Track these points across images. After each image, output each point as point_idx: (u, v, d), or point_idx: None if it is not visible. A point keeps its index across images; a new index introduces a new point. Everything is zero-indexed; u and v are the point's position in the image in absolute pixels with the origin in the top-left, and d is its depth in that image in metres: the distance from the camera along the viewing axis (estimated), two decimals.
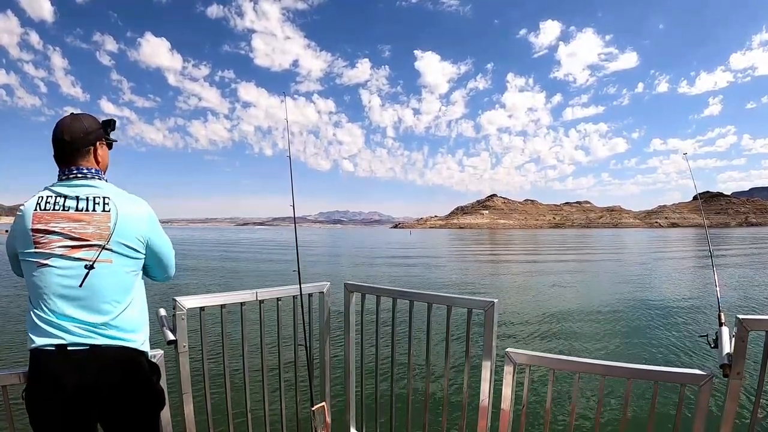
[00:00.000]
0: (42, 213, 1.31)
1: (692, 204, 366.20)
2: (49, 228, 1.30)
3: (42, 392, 1.26)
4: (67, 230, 1.30)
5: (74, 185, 1.36)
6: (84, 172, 1.39)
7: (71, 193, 1.34)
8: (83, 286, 1.29)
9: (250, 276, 15.55)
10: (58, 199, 1.33)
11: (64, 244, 1.30)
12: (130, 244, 1.37)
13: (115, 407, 1.32)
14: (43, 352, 1.26)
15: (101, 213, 1.34)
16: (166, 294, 9.42)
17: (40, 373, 1.27)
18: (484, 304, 1.83)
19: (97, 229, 1.32)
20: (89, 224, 1.32)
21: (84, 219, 1.32)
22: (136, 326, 1.39)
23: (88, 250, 1.31)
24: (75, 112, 1.43)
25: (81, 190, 1.36)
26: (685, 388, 1.52)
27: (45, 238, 1.29)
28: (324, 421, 2.13)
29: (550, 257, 24.99)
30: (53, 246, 1.29)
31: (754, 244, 34.68)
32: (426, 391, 2.12)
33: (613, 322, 7.71)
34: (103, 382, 1.28)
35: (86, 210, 1.33)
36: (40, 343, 1.26)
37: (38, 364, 1.27)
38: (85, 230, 1.31)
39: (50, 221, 1.30)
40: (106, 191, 1.38)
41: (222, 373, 2.02)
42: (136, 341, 1.38)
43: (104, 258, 1.32)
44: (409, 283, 13.57)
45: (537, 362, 1.75)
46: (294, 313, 2.19)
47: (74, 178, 1.37)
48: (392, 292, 2.19)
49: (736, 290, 10.92)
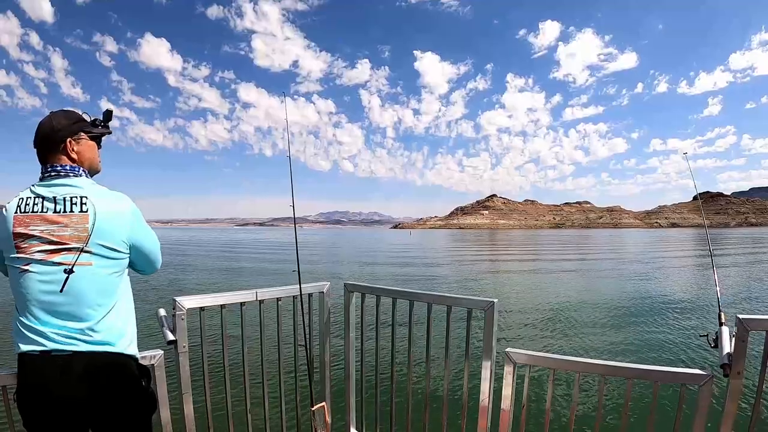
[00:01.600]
0: (22, 216, 1.28)
1: (692, 204, 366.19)
2: (28, 232, 1.27)
3: (29, 398, 1.26)
4: (45, 233, 1.27)
5: (51, 185, 1.32)
6: (58, 169, 1.34)
7: (49, 194, 1.30)
8: (64, 292, 1.26)
9: (250, 276, 15.55)
10: (36, 200, 1.29)
11: (42, 249, 1.26)
12: (110, 245, 1.32)
13: (103, 413, 1.30)
14: (28, 357, 1.25)
15: (78, 214, 1.29)
16: (166, 294, 9.42)
17: (27, 378, 1.26)
18: (484, 304, 1.82)
19: (75, 231, 1.28)
20: (67, 226, 1.28)
21: (61, 221, 1.28)
22: (121, 329, 1.35)
23: (66, 253, 1.27)
24: (54, 111, 1.39)
25: (58, 189, 1.31)
26: (685, 388, 1.52)
27: (25, 243, 1.26)
28: (324, 422, 2.13)
29: (550, 257, 24.99)
30: (32, 251, 1.26)
31: (754, 244, 34.68)
32: (426, 390, 2.12)
33: (613, 322, 7.71)
34: (89, 389, 1.26)
35: (64, 211, 1.29)
36: (25, 349, 1.25)
37: (25, 370, 1.27)
38: (63, 233, 1.27)
39: (29, 224, 1.27)
40: (84, 190, 1.33)
41: (222, 373, 2.02)
42: (122, 345, 1.34)
43: (84, 261, 1.28)
44: (409, 283, 13.57)
45: (537, 362, 1.75)
46: (294, 313, 2.19)
47: (49, 177, 1.34)
48: (392, 292, 2.19)
49: (736, 290, 10.92)
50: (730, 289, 10.94)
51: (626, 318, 8.03)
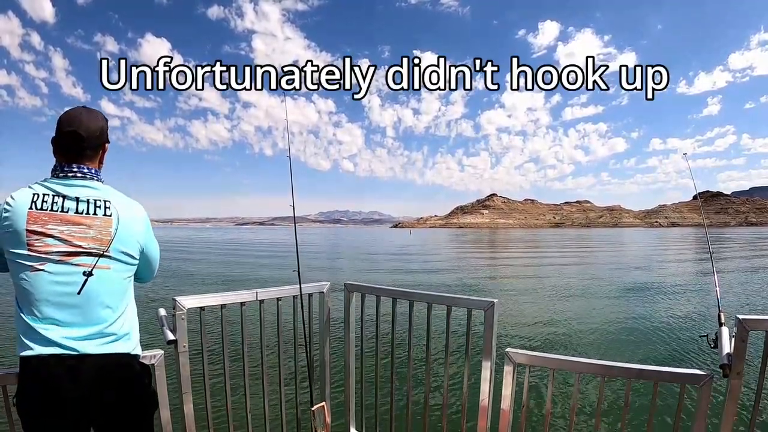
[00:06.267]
0: (38, 213, 1.22)
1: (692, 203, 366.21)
2: (45, 231, 1.22)
3: (34, 400, 1.22)
4: (65, 234, 1.23)
5: (72, 184, 1.28)
6: (85, 171, 1.31)
7: (70, 193, 1.26)
8: (81, 294, 1.24)
9: (250, 276, 15.55)
10: (56, 199, 1.24)
11: (61, 250, 1.23)
12: (128, 251, 1.33)
13: (109, 414, 1.30)
14: (35, 359, 1.20)
15: (102, 217, 1.28)
16: (166, 294, 9.43)
17: (33, 381, 1.22)
18: (484, 305, 1.82)
19: (98, 234, 1.27)
20: (90, 228, 1.26)
21: (84, 222, 1.26)
22: (129, 331, 1.36)
23: (86, 256, 1.25)
24: (87, 106, 1.36)
25: (80, 191, 1.28)
26: (685, 388, 1.52)
27: (40, 242, 1.21)
28: (324, 421, 2.13)
29: (550, 257, 24.99)
30: (49, 250, 1.22)
31: (754, 244, 34.68)
32: (426, 391, 2.12)
33: (613, 322, 7.70)
34: (99, 391, 1.25)
35: (87, 213, 1.26)
36: (33, 351, 1.20)
37: (30, 371, 1.22)
38: (86, 235, 1.25)
39: (47, 223, 1.22)
40: (106, 194, 1.32)
41: (222, 372, 2.01)
42: (129, 346, 1.35)
43: (103, 265, 1.27)
44: (409, 283, 13.57)
45: (537, 362, 1.75)
46: (294, 313, 2.19)
47: (73, 177, 1.29)
48: (392, 292, 2.19)
49: (736, 290, 10.92)
50: (730, 289, 10.93)
51: (626, 318, 8.02)
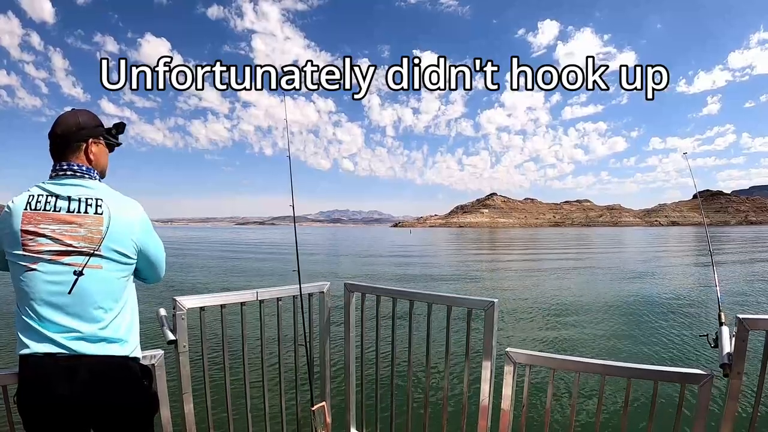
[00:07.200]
0: (32, 213, 1.25)
1: (692, 202, 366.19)
2: (38, 230, 1.24)
3: (31, 399, 1.23)
4: (57, 233, 1.24)
5: (65, 184, 1.30)
6: (74, 168, 1.32)
7: (63, 193, 1.28)
8: (72, 293, 1.24)
9: (250, 276, 15.55)
10: (49, 199, 1.27)
11: (53, 249, 1.24)
12: (121, 250, 1.32)
13: (107, 416, 1.29)
14: (32, 358, 1.22)
15: (93, 215, 1.28)
16: (166, 294, 9.43)
17: (30, 380, 1.24)
18: (484, 304, 1.82)
19: (89, 233, 1.27)
20: (81, 227, 1.26)
21: (75, 221, 1.26)
22: (126, 333, 1.35)
23: (77, 255, 1.25)
24: (76, 108, 1.39)
25: (73, 189, 1.29)
26: (686, 387, 1.52)
27: (34, 241, 1.23)
28: (324, 421, 2.13)
29: (550, 256, 24.99)
30: (41, 250, 1.23)
31: (754, 243, 34.68)
32: (426, 390, 2.12)
33: (613, 322, 7.70)
34: (94, 392, 1.24)
35: (78, 211, 1.27)
36: (29, 350, 1.22)
37: (28, 370, 1.24)
38: (76, 233, 1.26)
39: (40, 222, 1.24)
40: (99, 192, 1.32)
41: (222, 372, 2.02)
42: (127, 348, 1.34)
43: (94, 264, 1.27)
44: (409, 283, 13.57)
45: (537, 362, 1.75)
46: (294, 313, 2.19)
47: (64, 175, 1.31)
48: (392, 292, 2.19)
49: (736, 289, 10.92)
50: (731, 289, 10.92)
51: (626, 317, 8.03)
